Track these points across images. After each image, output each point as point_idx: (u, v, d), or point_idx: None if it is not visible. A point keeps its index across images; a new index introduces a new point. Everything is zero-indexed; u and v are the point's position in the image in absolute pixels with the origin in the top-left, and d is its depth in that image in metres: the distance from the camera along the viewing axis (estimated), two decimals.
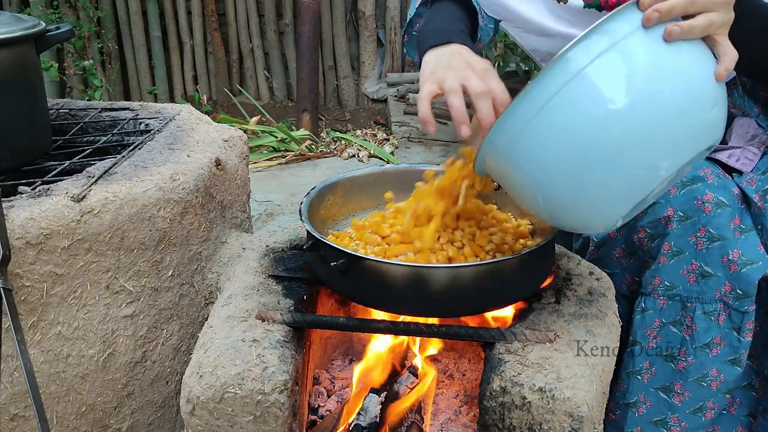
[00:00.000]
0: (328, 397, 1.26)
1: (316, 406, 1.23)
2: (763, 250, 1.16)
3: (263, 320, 1.08)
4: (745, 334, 1.18)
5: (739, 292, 1.16)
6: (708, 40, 0.88)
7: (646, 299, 1.23)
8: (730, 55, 0.87)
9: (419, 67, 1.17)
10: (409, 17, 1.42)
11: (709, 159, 1.27)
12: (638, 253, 1.25)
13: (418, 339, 1.28)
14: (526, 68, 3.54)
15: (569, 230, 1.05)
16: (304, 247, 1.13)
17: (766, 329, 1.24)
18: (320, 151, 3.41)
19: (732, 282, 1.16)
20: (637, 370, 1.25)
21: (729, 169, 1.27)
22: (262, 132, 3.47)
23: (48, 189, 1.11)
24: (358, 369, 1.25)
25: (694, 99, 0.84)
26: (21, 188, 1.14)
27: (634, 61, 0.83)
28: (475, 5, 1.33)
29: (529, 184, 0.91)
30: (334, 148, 3.46)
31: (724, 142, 1.34)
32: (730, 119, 1.34)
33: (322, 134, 3.76)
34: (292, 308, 1.11)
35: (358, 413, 1.14)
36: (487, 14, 1.38)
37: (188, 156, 1.30)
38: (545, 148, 0.87)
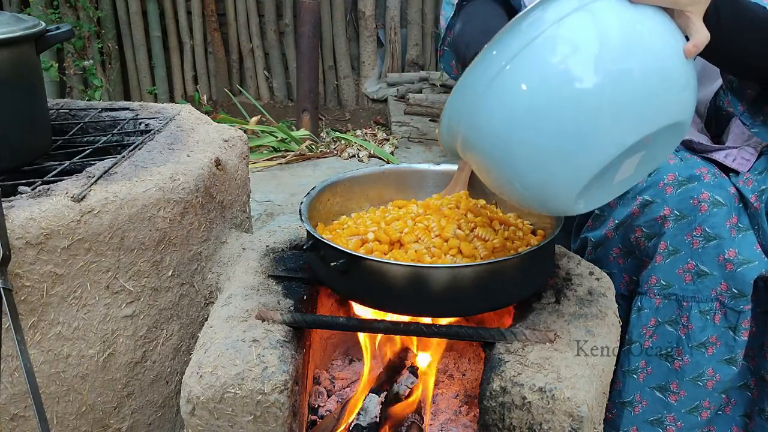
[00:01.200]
0: (328, 397, 1.26)
1: (316, 406, 1.23)
2: (759, 249, 1.17)
3: (263, 320, 1.08)
4: (741, 334, 1.18)
5: (735, 291, 1.16)
6: (681, 19, 0.88)
7: (643, 298, 1.23)
8: (702, 34, 0.88)
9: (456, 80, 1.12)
10: (442, 30, 1.35)
11: (706, 159, 1.27)
12: (635, 253, 1.25)
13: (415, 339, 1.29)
14: None
15: (529, 208, 1.00)
16: (304, 247, 1.13)
17: (763, 329, 1.24)
18: (320, 151, 3.40)
19: (728, 281, 1.16)
20: (633, 369, 1.25)
21: (726, 169, 1.27)
22: (262, 132, 3.47)
23: (48, 189, 1.12)
24: (366, 367, 1.25)
25: (661, 71, 0.82)
26: (21, 188, 1.14)
27: (599, 29, 0.80)
28: (515, 3, 1.24)
29: (486, 155, 0.87)
30: (334, 148, 3.46)
31: (721, 142, 1.34)
32: (728, 119, 1.34)
33: (322, 134, 3.76)
34: (292, 308, 1.11)
35: (358, 413, 1.14)
36: None
37: (188, 156, 1.30)
38: (504, 121, 0.82)
